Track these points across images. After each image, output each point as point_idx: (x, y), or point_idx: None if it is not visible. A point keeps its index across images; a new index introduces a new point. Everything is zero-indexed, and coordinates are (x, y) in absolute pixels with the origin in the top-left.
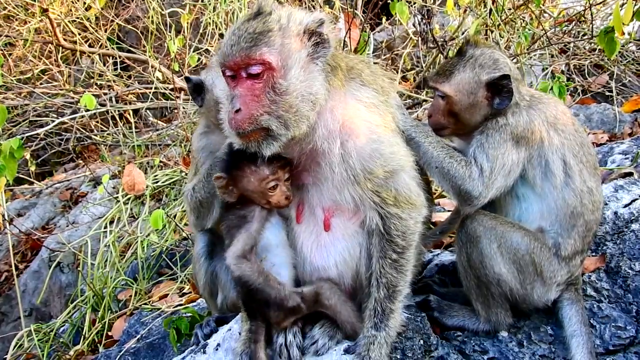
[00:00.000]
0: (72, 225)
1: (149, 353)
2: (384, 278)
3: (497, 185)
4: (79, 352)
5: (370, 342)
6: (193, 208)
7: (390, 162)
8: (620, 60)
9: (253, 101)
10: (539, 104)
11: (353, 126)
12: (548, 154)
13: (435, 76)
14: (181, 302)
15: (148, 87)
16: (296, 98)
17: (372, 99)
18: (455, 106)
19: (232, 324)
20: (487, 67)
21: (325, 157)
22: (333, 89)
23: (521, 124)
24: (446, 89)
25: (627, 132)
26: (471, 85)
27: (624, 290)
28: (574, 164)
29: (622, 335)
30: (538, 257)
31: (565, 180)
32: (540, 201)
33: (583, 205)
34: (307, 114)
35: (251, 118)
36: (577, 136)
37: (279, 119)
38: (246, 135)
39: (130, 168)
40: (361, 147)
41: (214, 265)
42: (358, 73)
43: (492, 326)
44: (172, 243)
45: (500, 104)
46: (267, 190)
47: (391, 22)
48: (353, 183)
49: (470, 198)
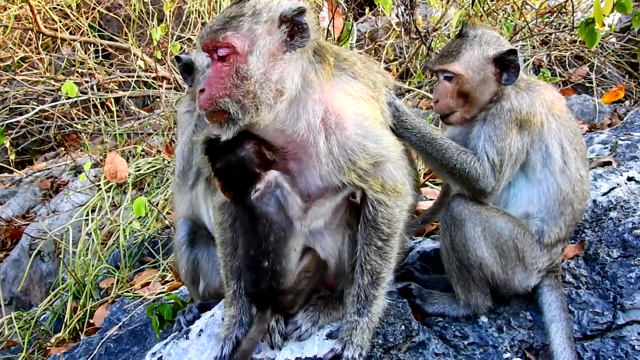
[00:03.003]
0: (53, 213)
1: (131, 340)
2: (369, 265)
3: (506, 176)
4: (60, 339)
5: (352, 327)
6: (180, 169)
7: (375, 155)
8: (600, 52)
9: (217, 83)
10: (536, 86)
11: (339, 118)
12: (548, 138)
13: (441, 58)
14: (163, 290)
15: (130, 75)
16: (255, 83)
17: (361, 93)
18: (466, 85)
19: (215, 309)
20: (492, 43)
21: (311, 147)
22: (320, 79)
23: (524, 107)
24: (456, 68)
25: (606, 122)
26: (480, 62)
27: (601, 276)
28: (570, 150)
29: (600, 320)
30: (521, 243)
31: (562, 166)
32: (531, 187)
33: (574, 192)
34: (267, 101)
35: (211, 99)
36: (571, 123)
37: (237, 103)
38: (209, 115)
39: (112, 156)
40: (346, 140)
41: (195, 253)
42: (350, 65)
43: (472, 310)
44: (154, 231)
45: (508, 80)
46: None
47: (374, 12)
48: (339, 173)
49: (484, 194)
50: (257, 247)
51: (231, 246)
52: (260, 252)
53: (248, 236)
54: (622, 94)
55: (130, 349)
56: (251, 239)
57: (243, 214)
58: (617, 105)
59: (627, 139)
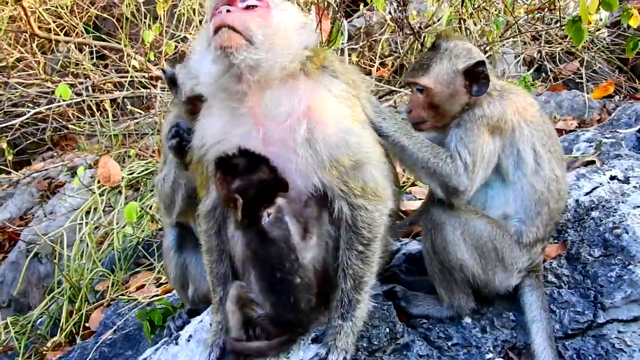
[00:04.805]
0: (49, 216)
1: (125, 344)
2: (351, 269)
3: (480, 177)
4: (56, 343)
5: (337, 331)
6: (162, 199)
7: (357, 153)
8: (590, 47)
9: (247, 14)
10: (510, 94)
11: (321, 114)
12: (519, 143)
13: (413, 72)
14: (157, 293)
15: (124, 76)
16: (282, 31)
17: (342, 92)
18: (435, 98)
19: (203, 315)
20: (462, 56)
21: (291, 137)
22: (306, 76)
23: (495, 114)
24: (425, 82)
25: (595, 118)
26: (449, 75)
27: (583, 276)
28: (543, 152)
29: (580, 319)
30: (500, 243)
31: (536, 168)
32: (507, 189)
33: (550, 191)
34: (285, 51)
35: (242, 19)
36: (544, 127)
37: (265, 36)
38: (225, 35)
39: (105, 159)
40: (328, 135)
41: (183, 258)
42: (329, 65)
43: (455, 311)
44: (148, 234)
45: (478, 92)
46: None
47: (369, 8)
48: (320, 168)
49: (457, 193)
50: (281, 268)
51: (217, 253)
52: (289, 271)
53: (266, 261)
54: (612, 89)
55: (124, 353)
56: (271, 263)
57: (255, 241)
58: (607, 100)
59: (612, 137)
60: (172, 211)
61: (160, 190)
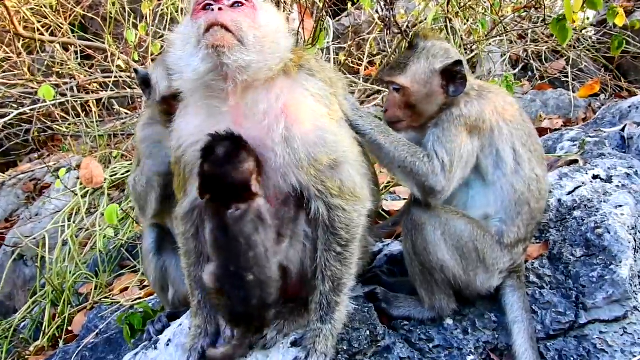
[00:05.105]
0: (34, 217)
1: (106, 348)
2: (329, 271)
3: (457, 177)
4: (38, 347)
5: (316, 334)
6: (135, 199)
7: (335, 151)
8: (576, 46)
9: (237, 14)
10: (488, 94)
11: (298, 113)
12: (498, 142)
13: (390, 70)
14: (141, 295)
15: (108, 76)
16: (271, 34)
17: (318, 90)
18: (412, 97)
19: (183, 319)
20: (439, 56)
21: (269, 136)
22: (284, 75)
23: (473, 113)
24: (402, 81)
25: (581, 117)
26: (426, 75)
27: (565, 276)
28: (523, 152)
29: (562, 320)
30: (481, 244)
31: (515, 168)
32: (487, 189)
33: (530, 191)
34: (273, 54)
35: (234, 19)
36: (524, 126)
37: (255, 38)
38: (218, 34)
39: (87, 161)
40: (305, 133)
41: (163, 260)
42: (305, 63)
43: (437, 313)
44: (132, 236)
45: (455, 92)
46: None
47: (357, 7)
48: (297, 167)
49: (434, 193)
50: (236, 262)
51: (195, 256)
52: (243, 267)
53: (224, 252)
54: (598, 87)
55: (106, 357)
56: (228, 255)
57: (218, 229)
58: (593, 99)
59: (596, 136)
60: (146, 212)
61: (134, 191)
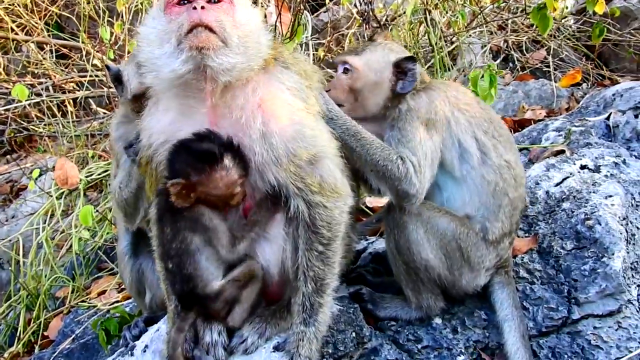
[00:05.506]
0: (10, 220)
1: (82, 354)
2: (311, 271)
3: (427, 177)
4: (13, 354)
5: (299, 338)
6: (121, 206)
7: (314, 146)
8: (557, 35)
9: (218, 12)
10: (437, 86)
11: (275, 108)
12: (458, 133)
13: (345, 53)
14: (118, 299)
15: (84, 75)
16: (252, 33)
17: (294, 84)
18: (359, 81)
19: (160, 324)
20: (395, 51)
21: (247, 133)
22: (262, 69)
23: (423, 105)
24: (355, 62)
25: (564, 107)
26: (380, 64)
27: (555, 270)
28: (486, 140)
29: (555, 316)
30: (464, 242)
31: (482, 157)
32: (460, 187)
33: (504, 180)
34: (256, 55)
35: (217, 19)
36: (483, 113)
37: (239, 39)
38: (202, 36)
39: (62, 162)
40: (283, 128)
41: (139, 263)
42: (279, 56)
43: (424, 312)
44: (109, 237)
45: (402, 88)
46: (233, 193)
47: (336, 1)
48: (276, 165)
49: (409, 196)
50: (162, 247)
51: None
52: (165, 253)
53: (164, 233)
54: (580, 77)
55: None
56: (164, 237)
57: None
58: (575, 88)
59: (581, 125)
60: (134, 218)
61: (119, 197)
